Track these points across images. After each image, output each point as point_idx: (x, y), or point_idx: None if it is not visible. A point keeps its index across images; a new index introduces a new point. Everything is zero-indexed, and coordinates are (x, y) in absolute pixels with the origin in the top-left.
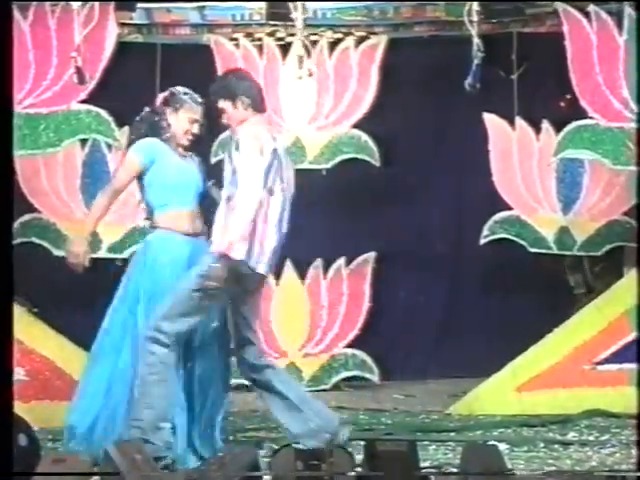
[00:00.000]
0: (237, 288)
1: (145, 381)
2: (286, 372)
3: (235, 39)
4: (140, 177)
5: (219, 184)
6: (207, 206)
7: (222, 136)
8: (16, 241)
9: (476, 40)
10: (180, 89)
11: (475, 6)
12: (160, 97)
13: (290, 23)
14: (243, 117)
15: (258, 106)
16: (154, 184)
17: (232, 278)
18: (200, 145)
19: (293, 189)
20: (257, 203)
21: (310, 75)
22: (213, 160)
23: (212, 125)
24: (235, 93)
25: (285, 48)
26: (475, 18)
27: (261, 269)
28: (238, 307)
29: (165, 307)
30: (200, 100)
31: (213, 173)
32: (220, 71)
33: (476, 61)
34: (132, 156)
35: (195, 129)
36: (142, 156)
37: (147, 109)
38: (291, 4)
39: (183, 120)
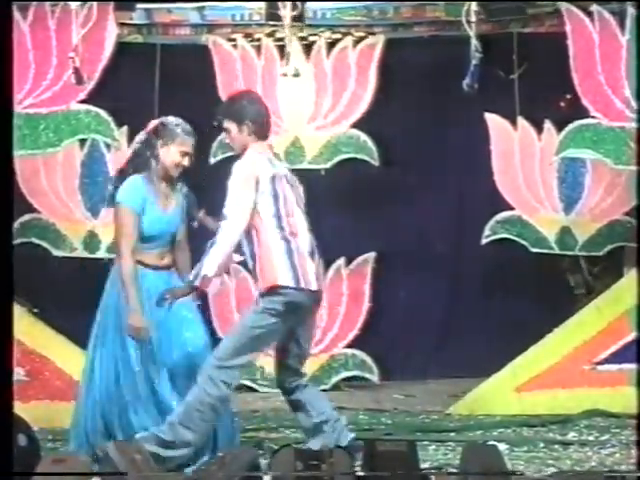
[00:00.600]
0: (296, 317)
1: (197, 408)
2: (315, 390)
3: (233, 39)
4: None
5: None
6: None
7: (220, 138)
8: (16, 241)
9: (474, 41)
10: (172, 120)
11: (473, 7)
12: (151, 125)
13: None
14: (245, 142)
15: (262, 133)
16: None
17: (294, 307)
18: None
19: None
20: (237, 237)
21: (296, 75)
22: (212, 161)
23: (212, 126)
24: (242, 117)
25: (283, 49)
26: (473, 18)
27: (313, 286)
28: (294, 332)
29: (228, 345)
30: (191, 130)
31: (213, 174)
32: (218, 72)
33: (474, 61)
34: (126, 210)
35: (185, 162)
36: (134, 207)
37: (137, 140)
38: (280, 3)
39: (174, 153)
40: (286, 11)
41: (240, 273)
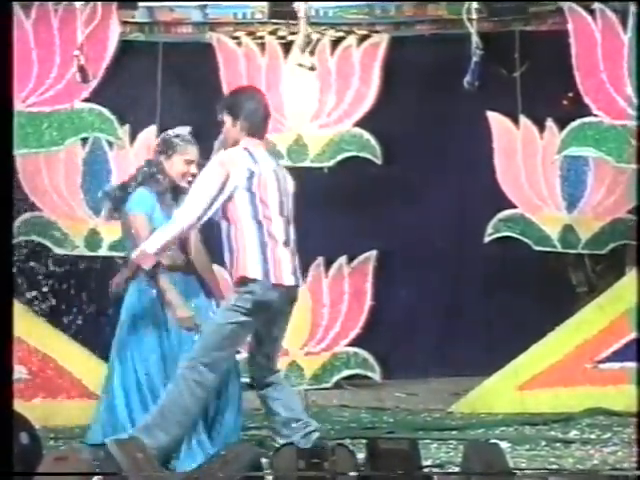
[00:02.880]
0: (267, 314)
1: (171, 410)
2: (289, 389)
3: (237, 37)
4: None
5: None
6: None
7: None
8: (17, 240)
9: (475, 38)
10: (170, 133)
11: (474, 4)
12: (154, 146)
13: (292, 21)
14: (237, 137)
15: (256, 132)
16: None
17: (264, 306)
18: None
19: (291, 204)
20: (189, 222)
21: (312, 69)
22: None
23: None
24: (238, 112)
25: (287, 46)
26: (474, 16)
27: (287, 281)
28: (268, 329)
29: (199, 344)
30: (191, 138)
31: None
32: (222, 70)
33: (475, 59)
34: (137, 215)
35: (193, 169)
36: (147, 213)
37: (144, 163)
38: (294, 3)
39: (178, 164)
40: (301, 11)
41: None
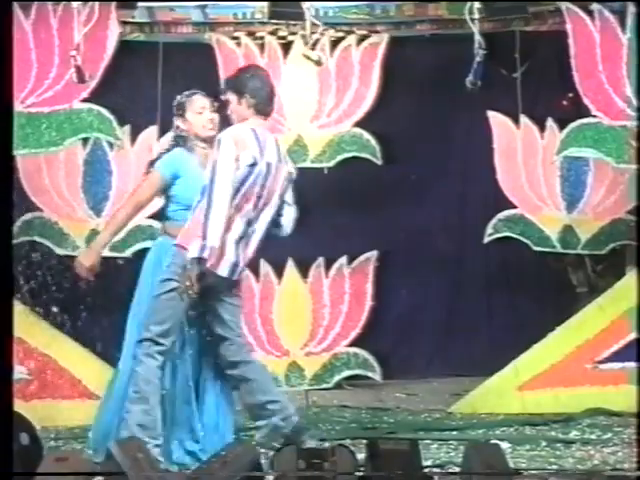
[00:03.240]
0: (206, 288)
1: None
2: (262, 367)
3: (237, 37)
4: (164, 190)
5: None
6: None
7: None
8: (18, 240)
9: (477, 37)
10: (177, 97)
11: (476, 4)
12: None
13: (292, 22)
14: (244, 115)
15: (262, 109)
16: (174, 201)
17: (199, 279)
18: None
19: (277, 200)
20: (227, 204)
21: (319, 64)
22: None
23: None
24: (243, 90)
25: (287, 47)
26: (476, 15)
27: (222, 271)
28: (214, 307)
29: (147, 313)
30: (195, 91)
31: None
32: (222, 70)
33: (477, 58)
34: (156, 172)
35: (207, 114)
36: (166, 171)
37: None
38: (298, 3)
39: (192, 117)
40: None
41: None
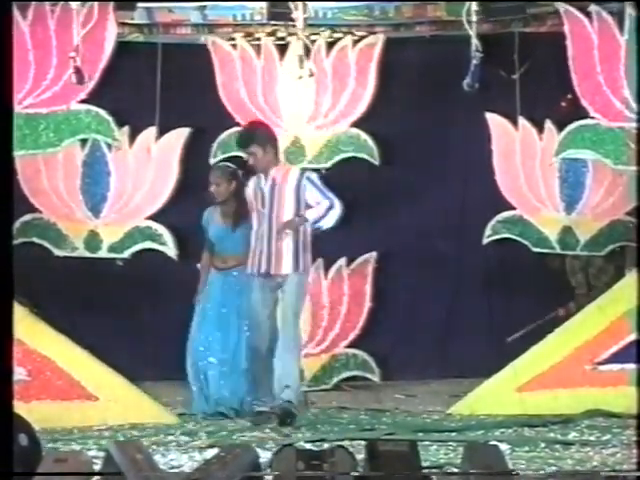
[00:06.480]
0: None
1: None
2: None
3: (233, 39)
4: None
5: None
6: None
7: (220, 137)
8: (17, 241)
9: (474, 40)
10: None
11: (474, 6)
12: None
13: (291, 23)
14: (268, 164)
15: (278, 158)
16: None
17: None
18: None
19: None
20: None
21: (311, 75)
22: (212, 161)
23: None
24: (266, 142)
25: (283, 48)
26: (474, 18)
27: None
28: None
29: None
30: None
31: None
32: (218, 72)
33: (474, 61)
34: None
35: (212, 189)
36: (204, 225)
37: None
38: (292, 4)
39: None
40: (298, 13)
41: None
